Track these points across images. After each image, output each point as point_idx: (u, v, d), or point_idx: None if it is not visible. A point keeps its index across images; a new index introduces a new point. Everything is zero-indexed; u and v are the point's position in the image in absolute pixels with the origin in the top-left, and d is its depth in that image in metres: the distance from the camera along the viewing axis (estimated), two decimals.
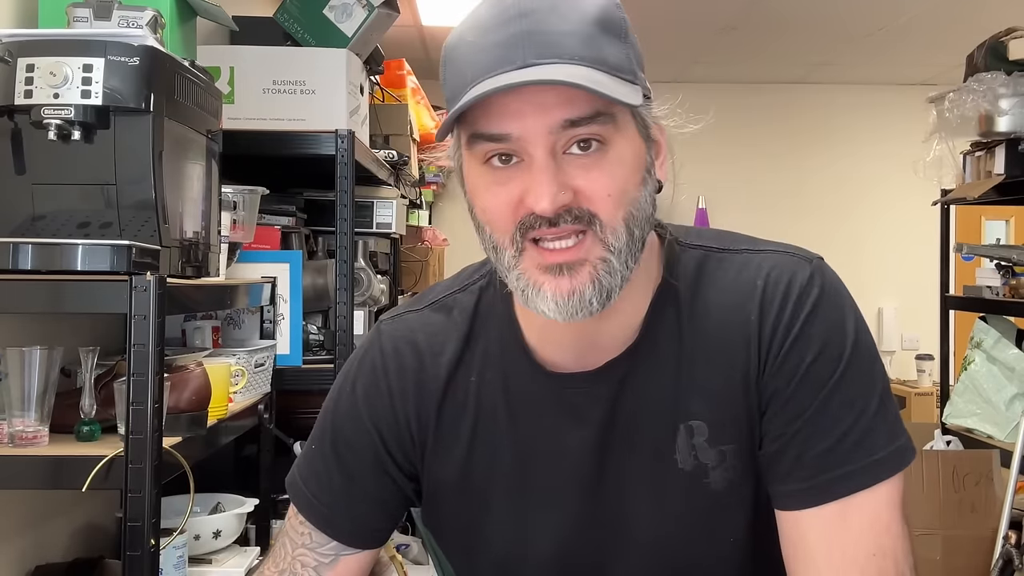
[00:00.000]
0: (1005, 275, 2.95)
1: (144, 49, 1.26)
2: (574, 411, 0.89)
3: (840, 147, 5.17)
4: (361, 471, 0.94)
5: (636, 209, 0.81)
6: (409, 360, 0.94)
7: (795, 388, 0.83)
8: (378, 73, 2.58)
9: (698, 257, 0.91)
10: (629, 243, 0.80)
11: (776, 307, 0.85)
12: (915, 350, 4.98)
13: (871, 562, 0.81)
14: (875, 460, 0.82)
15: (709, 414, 0.86)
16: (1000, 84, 2.67)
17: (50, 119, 1.23)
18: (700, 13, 3.92)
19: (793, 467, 0.83)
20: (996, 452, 2.75)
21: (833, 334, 0.85)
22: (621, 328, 0.87)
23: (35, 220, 1.28)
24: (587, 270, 0.79)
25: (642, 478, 0.88)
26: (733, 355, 0.85)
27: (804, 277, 0.87)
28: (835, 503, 0.82)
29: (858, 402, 0.83)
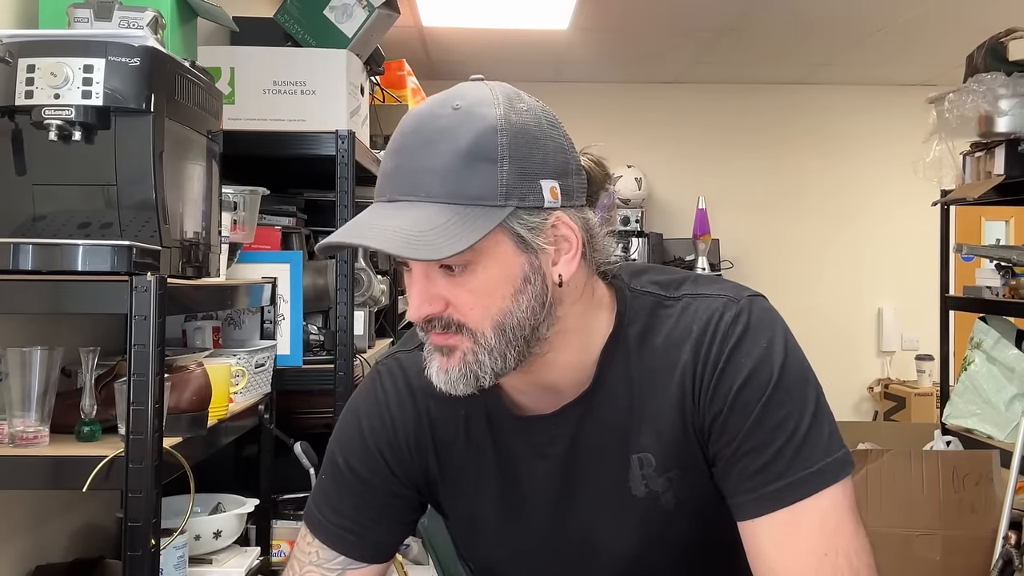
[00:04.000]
0: (1005, 275, 2.95)
1: (145, 50, 1.26)
2: (539, 448, 1.01)
3: (840, 148, 5.18)
4: (369, 490, 1.05)
5: (507, 316, 0.90)
6: (405, 394, 1.05)
7: (727, 414, 0.93)
8: (378, 74, 2.58)
9: (647, 305, 1.01)
10: (501, 341, 0.90)
11: (705, 346, 0.95)
12: (915, 350, 4.98)
13: (824, 561, 0.90)
14: (813, 471, 0.91)
15: (656, 446, 0.97)
16: (1000, 85, 2.67)
17: (51, 119, 1.23)
18: (700, 14, 3.92)
19: (739, 482, 0.93)
20: (996, 452, 2.75)
21: (758, 363, 0.94)
22: (575, 373, 0.99)
23: (36, 220, 1.28)
24: (458, 355, 0.91)
25: (602, 503, 1.00)
26: (672, 392, 0.96)
27: (730, 317, 0.97)
28: (783, 511, 0.91)
29: (789, 421, 0.92)
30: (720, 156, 5.15)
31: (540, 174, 0.91)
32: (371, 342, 2.47)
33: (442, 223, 0.85)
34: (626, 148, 5.03)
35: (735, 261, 5.00)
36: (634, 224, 4.74)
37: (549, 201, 0.91)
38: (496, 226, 0.86)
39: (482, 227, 0.86)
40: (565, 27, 4.02)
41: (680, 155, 5.15)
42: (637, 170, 4.82)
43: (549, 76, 4.99)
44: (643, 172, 4.83)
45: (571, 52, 4.50)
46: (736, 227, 5.05)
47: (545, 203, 0.91)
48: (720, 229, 4.83)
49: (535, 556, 1.05)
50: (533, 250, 0.90)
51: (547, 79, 5.02)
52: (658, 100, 5.16)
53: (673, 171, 5.12)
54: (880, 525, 2.71)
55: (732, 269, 4.95)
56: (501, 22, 3.99)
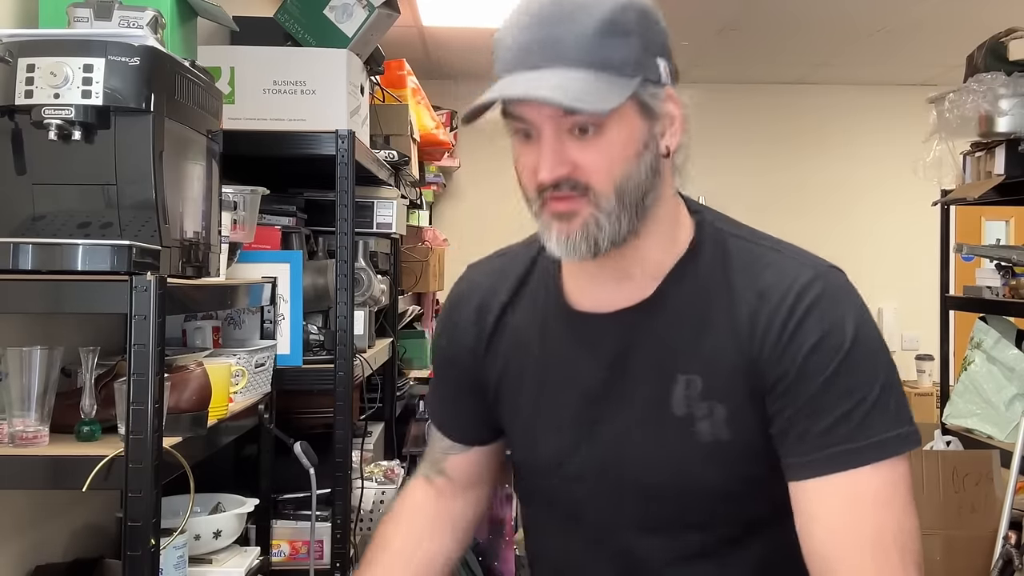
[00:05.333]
0: (1005, 275, 2.95)
1: (145, 49, 1.26)
2: (590, 346, 1.05)
3: (840, 148, 5.18)
4: (450, 383, 1.20)
5: (627, 180, 0.96)
6: (475, 298, 1.15)
7: (796, 375, 0.96)
8: (378, 73, 2.58)
9: (726, 239, 1.06)
10: (619, 206, 0.96)
11: (779, 298, 0.99)
12: (915, 350, 4.98)
13: (871, 532, 0.93)
14: (875, 441, 0.94)
15: (705, 373, 1.00)
16: (1000, 84, 2.67)
17: (50, 119, 1.23)
18: (700, 14, 3.92)
19: (797, 443, 0.96)
20: (996, 452, 2.75)
21: (832, 327, 0.97)
22: (643, 282, 1.03)
23: (35, 220, 1.28)
24: (579, 221, 0.96)
25: (638, 414, 1.03)
26: (737, 330, 0.99)
27: (808, 279, 1.01)
28: (837, 475, 0.94)
29: (857, 391, 0.96)
30: (720, 156, 5.15)
31: (658, 52, 0.99)
32: (371, 342, 2.47)
33: (592, 83, 0.92)
34: None
35: None
36: None
37: (664, 77, 0.99)
38: (634, 91, 0.94)
39: (623, 91, 0.93)
40: None
41: None
42: None
43: None
44: None
45: None
46: None
47: (661, 78, 0.99)
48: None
49: (555, 454, 1.08)
50: (653, 118, 0.98)
51: None
52: None
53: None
54: None
55: None
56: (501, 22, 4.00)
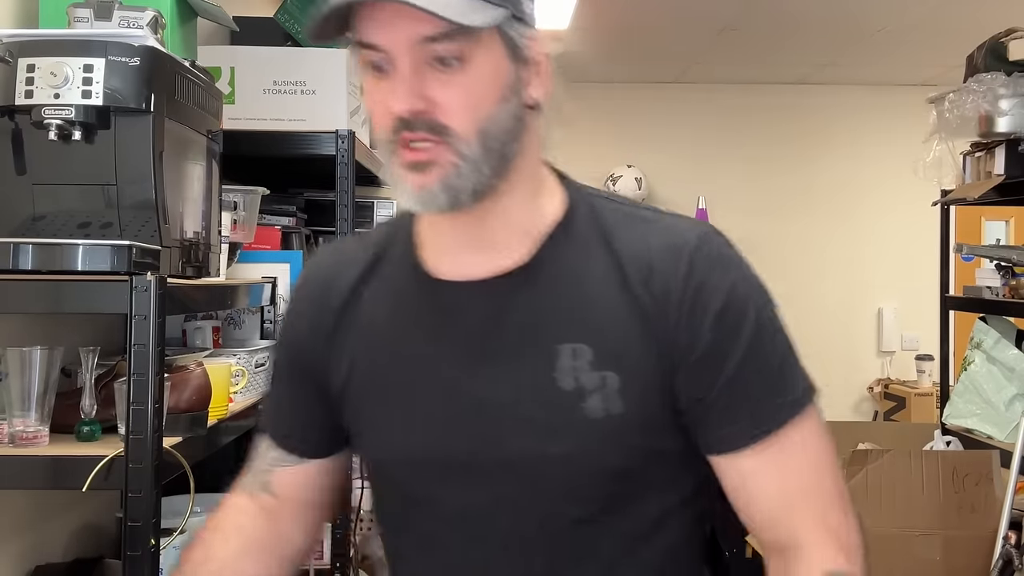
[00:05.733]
0: (1005, 276, 2.95)
1: (145, 49, 1.26)
2: (455, 317, 0.94)
3: (840, 148, 5.18)
4: (288, 382, 1.05)
5: (492, 124, 0.87)
6: (319, 281, 1.03)
7: (710, 345, 0.89)
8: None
9: (598, 203, 0.98)
10: (483, 154, 0.87)
11: (670, 265, 0.91)
12: (915, 350, 4.98)
13: (812, 480, 0.91)
14: (797, 397, 0.91)
15: (595, 340, 0.90)
16: (1000, 85, 2.67)
17: (51, 119, 1.23)
18: (701, 13, 3.92)
19: (725, 413, 0.90)
20: (996, 452, 2.75)
21: (733, 291, 0.91)
22: (509, 248, 0.94)
23: (35, 220, 1.28)
24: (436, 171, 0.86)
25: (519, 393, 0.91)
26: (631, 298, 0.91)
27: (695, 241, 0.93)
28: (771, 437, 0.90)
29: (771, 351, 0.92)
30: (720, 156, 5.15)
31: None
32: None
33: (455, 2, 0.83)
34: (626, 148, 5.03)
35: None
36: None
37: (530, 18, 0.92)
38: (501, 20, 0.87)
39: (492, 14, 0.86)
40: (565, 27, 4.02)
41: (680, 155, 5.15)
42: (637, 170, 4.82)
43: None
44: (643, 172, 4.83)
45: (571, 52, 4.50)
46: (736, 227, 4.98)
47: (527, 18, 0.91)
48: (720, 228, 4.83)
49: (438, 464, 0.94)
50: (520, 61, 0.90)
51: None
52: (658, 100, 5.16)
53: (673, 171, 5.12)
54: (880, 525, 2.70)
55: None
56: None
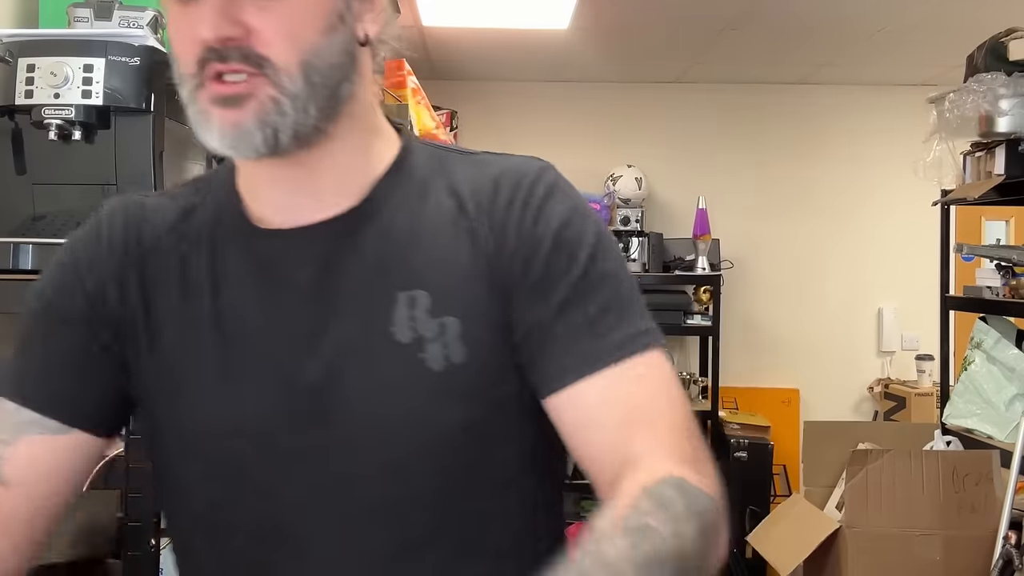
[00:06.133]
0: (1005, 275, 2.95)
1: (145, 49, 1.26)
2: (279, 269, 0.85)
3: (841, 148, 5.18)
4: (63, 337, 0.86)
5: (317, 56, 0.79)
6: (117, 231, 0.89)
7: (548, 256, 0.83)
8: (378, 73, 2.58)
9: (438, 151, 0.92)
10: (308, 90, 0.79)
11: (510, 191, 0.85)
12: (915, 350, 4.98)
13: (658, 407, 0.82)
14: (642, 331, 0.84)
15: (433, 285, 0.83)
16: (1000, 85, 2.67)
17: (51, 119, 1.24)
18: (700, 13, 3.92)
19: (564, 340, 0.82)
20: (996, 452, 2.75)
21: (573, 215, 0.85)
22: (342, 190, 0.86)
23: (35, 220, 1.28)
24: (252, 105, 0.77)
25: (354, 349, 0.82)
26: (471, 233, 0.84)
27: (535, 170, 0.88)
28: (608, 369, 0.81)
29: (617, 275, 0.85)
30: (720, 156, 5.15)
31: None
32: None
33: None
34: (626, 148, 5.03)
35: (735, 261, 5.00)
36: (634, 224, 4.73)
37: None
38: None
39: None
40: (565, 27, 4.02)
41: (680, 155, 5.15)
42: (637, 170, 4.82)
43: (549, 76, 4.99)
44: (643, 172, 4.83)
45: (571, 51, 4.50)
46: (736, 227, 5.05)
47: None
48: (720, 229, 4.83)
49: (257, 420, 0.82)
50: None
51: (547, 79, 5.02)
52: (658, 100, 5.16)
53: (673, 171, 5.12)
54: (880, 525, 2.71)
55: (732, 269, 4.95)
56: (501, 22, 3.99)
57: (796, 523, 3.01)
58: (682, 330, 4.66)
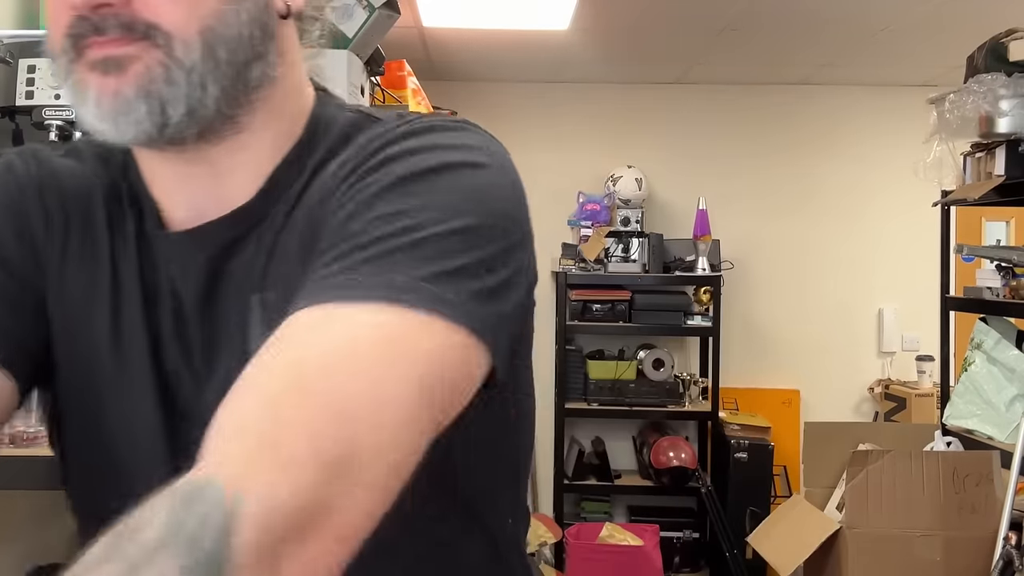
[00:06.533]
0: (1005, 276, 2.95)
1: None
2: (170, 279, 0.73)
3: (842, 149, 5.18)
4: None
5: (220, 24, 0.66)
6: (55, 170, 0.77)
7: (337, 210, 0.66)
8: (379, 74, 2.58)
9: (353, 122, 0.75)
10: (208, 64, 0.65)
11: (360, 149, 0.70)
12: (915, 351, 4.98)
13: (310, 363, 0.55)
14: (397, 286, 0.59)
15: (284, 285, 0.68)
16: (1000, 85, 2.67)
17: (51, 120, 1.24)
18: (701, 14, 3.92)
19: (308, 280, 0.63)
20: (996, 453, 2.75)
21: (413, 151, 0.67)
22: (244, 186, 0.72)
23: None
24: (137, 68, 0.64)
25: (225, 367, 0.70)
26: (314, 218, 0.69)
27: (422, 123, 0.71)
28: (316, 307, 0.59)
29: (405, 217, 0.62)
30: (721, 157, 5.15)
31: None
32: None
33: None
34: (626, 148, 5.03)
35: (736, 262, 5.00)
36: (634, 224, 4.74)
37: None
38: None
39: None
40: (565, 27, 4.02)
41: (681, 156, 5.15)
42: (637, 170, 4.82)
43: (549, 76, 4.99)
44: (643, 172, 4.84)
45: (571, 52, 4.50)
46: (737, 228, 5.05)
47: None
48: (721, 230, 4.83)
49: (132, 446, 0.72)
50: None
51: (547, 79, 5.02)
52: (659, 100, 5.16)
53: (674, 172, 5.12)
54: (880, 526, 2.71)
55: (733, 269, 4.95)
56: (501, 23, 4.00)
57: (796, 524, 3.01)
58: (682, 331, 4.66)
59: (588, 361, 4.62)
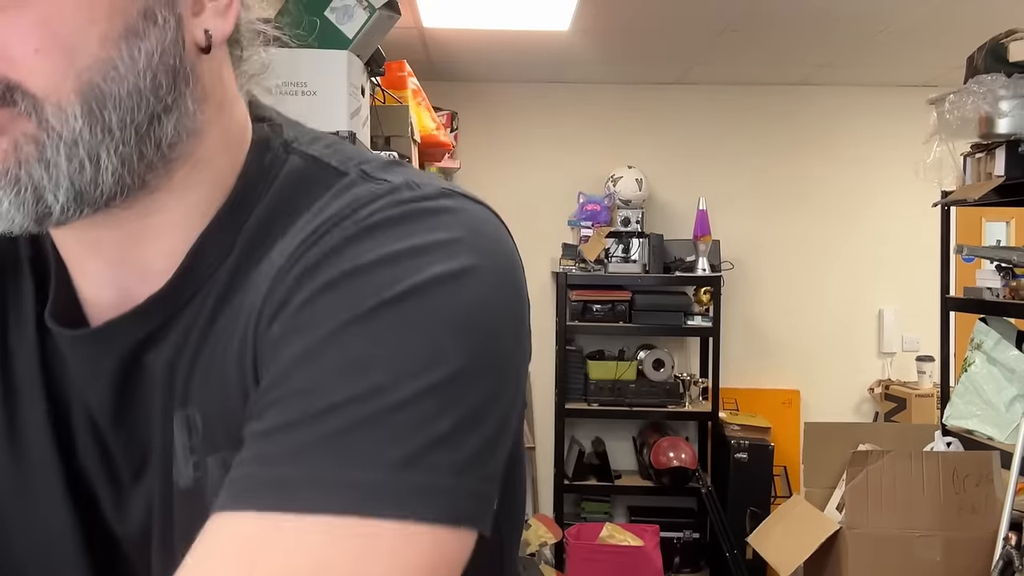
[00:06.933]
0: (1005, 277, 2.96)
1: None
2: (76, 384, 0.61)
3: (842, 149, 5.18)
4: None
5: (108, 75, 0.51)
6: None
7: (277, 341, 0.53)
8: (379, 75, 2.58)
9: (300, 175, 0.61)
10: (96, 132, 0.52)
11: (302, 244, 0.56)
12: (915, 352, 4.98)
13: None
14: (349, 478, 0.47)
15: (210, 403, 0.57)
16: (1000, 86, 2.68)
17: None
18: (701, 14, 3.93)
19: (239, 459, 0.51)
20: (996, 453, 2.75)
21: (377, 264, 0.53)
22: (162, 256, 0.59)
23: None
24: (2, 145, 0.51)
25: (152, 499, 0.59)
26: (250, 321, 0.56)
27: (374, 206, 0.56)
28: (251, 515, 0.47)
29: (373, 373, 0.49)
30: (721, 157, 5.15)
31: None
32: None
33: None
34: (626, 149, 5.04)
35: (736, 262, 5.01)
36: (635, 225, 4.74)
37: None
38: None
39: None
40: (566, 28, 4.02)
41: (681, 156, 5.15)
42: (637, 171, 4.83)
43: (549, 76, 5.00)
44: (644, 173, 4.84)
45: (571, 53, 4.51)
46: (737, 228, 5.06)
47: None
48: (721, 230, 4.84)
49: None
50: None
51: (547, 80, 5.02)
52: (659, 101, 5.17)
53: (674, 172, 5.12)
54: (880, 526, 2.71)
55: (733, 270, 4.96)
56: (502, 23, 4.00)
57: (796, 524, 3.01)
58: (682, 331, 4.67)
59: (588, 361, 4.63)
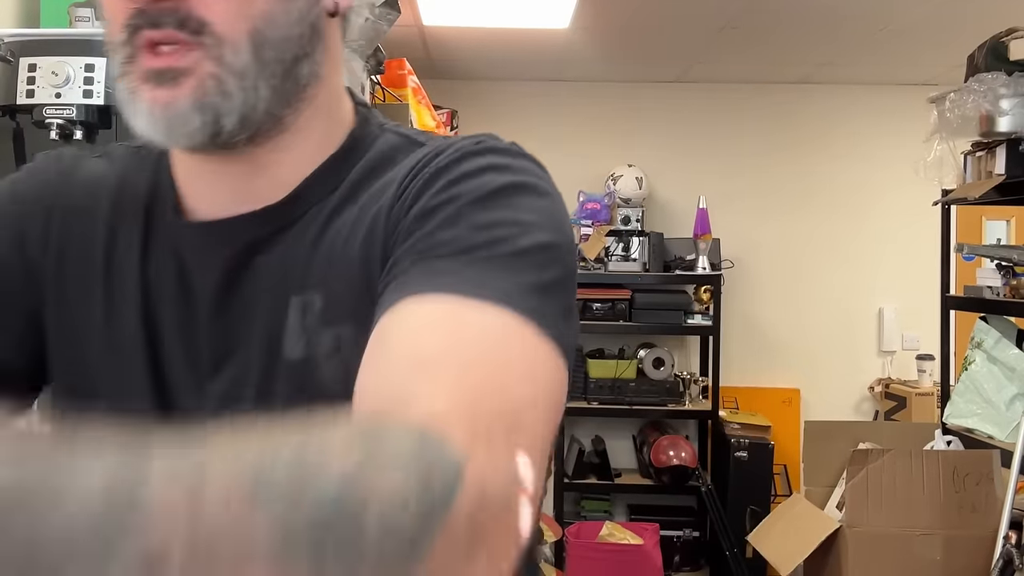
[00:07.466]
0: (1006, 275, 2.96)
1: None
2: (192, 280, 0.73)
3: (842, 148, 5.18)
4: None
5: (270, 25, 0.67)
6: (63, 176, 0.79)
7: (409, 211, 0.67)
8: (379, 73, 2.58)
9: (396, 144, 0.76)
10: (256, 65, 0.66)
11: (421, 162, 0.69)
12: (916, 350, 4.98)
13: (477, 359, 0.55)
14: (506, 288, 0.59)
15: (326, 286, 0.69)
16: (1001, 84, 2.67)
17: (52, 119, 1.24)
18: (701, 12, 3.92)
19: (406, 275, 0.62)
20: (996, 452, 2.76)
21: (483, 169, 0.67)
22: (278, 186, 0.73)
23: None
24: (191, 83, 0.65)
25: (248, 375, 0.70)
26: (367, 225, 0.69)
27: (474, 142, 0.70)
28: (447, 295, 0.59)
29: (501, 228, 0.63)
30: (721, 156, 5.15)
31: None
32: None
33: None
34: (627, 148, 5.03)
35: (736, 260, 5.01)
36: (635, 223, 4.74)
37: None
38: None
39: None
40: (566, 26, 4.02)
41: (681, 155, 5.15)
42: (638, 169, 4.82)
43: (549, 75, 4.99)
44: (644, 172, 4.84)
45: (571, 51, 4.50)
46: (737, 226, 5.05)
47: None
48: (721, 229, 4.83)
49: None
50: None
51: (547, 78, 5.02)
52: (659, 99, 5.16)
53: (674, 171, 5.12)
54: (880, 525, 2.71)
55: (733, 268, 4.96)
56: (502, 21, 4.00)
57: (796, 523, 3.01)
58: (682, 330, 4.66)
59: (588, 360, 4.63)
